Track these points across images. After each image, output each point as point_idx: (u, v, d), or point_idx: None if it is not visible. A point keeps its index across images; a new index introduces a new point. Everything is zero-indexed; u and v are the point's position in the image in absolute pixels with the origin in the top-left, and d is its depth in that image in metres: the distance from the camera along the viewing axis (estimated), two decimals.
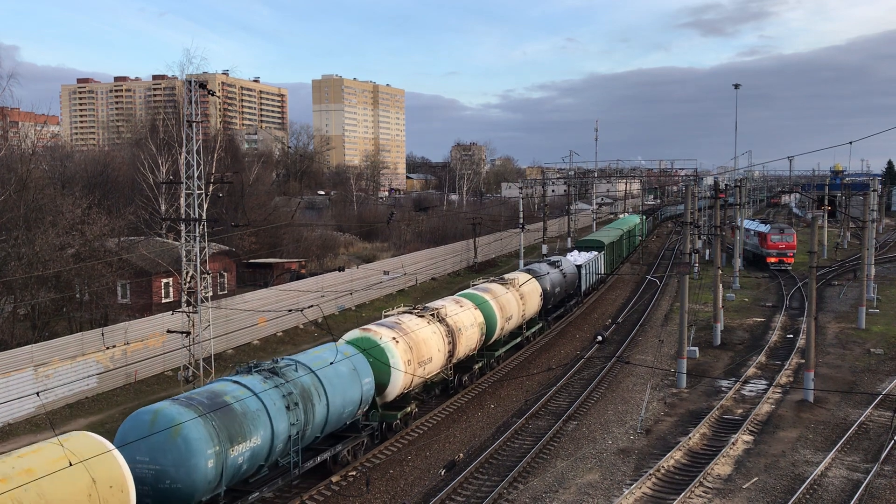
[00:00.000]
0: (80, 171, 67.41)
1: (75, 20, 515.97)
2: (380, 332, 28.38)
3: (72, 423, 31.16)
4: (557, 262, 50.69)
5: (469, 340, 34.24)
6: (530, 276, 44.23)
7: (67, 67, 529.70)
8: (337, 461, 25.49)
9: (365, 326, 29.40)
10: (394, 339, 28.26)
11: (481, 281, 41.93)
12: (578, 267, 54.48)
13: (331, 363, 24.57)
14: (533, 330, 44.64)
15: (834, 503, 22.93)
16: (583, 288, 55.48)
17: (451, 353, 32.49)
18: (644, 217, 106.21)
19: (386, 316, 31.63)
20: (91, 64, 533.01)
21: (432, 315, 32.18)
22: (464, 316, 34.19)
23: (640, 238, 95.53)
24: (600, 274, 62.61)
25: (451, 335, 32.41)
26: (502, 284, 40.62)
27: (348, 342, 27.90)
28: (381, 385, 27.63)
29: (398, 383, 28.02)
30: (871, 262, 55.12)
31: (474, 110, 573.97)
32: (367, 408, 26.98)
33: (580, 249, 62.69)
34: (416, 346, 29.26)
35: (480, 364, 37.02)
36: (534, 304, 43.15)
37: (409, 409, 29.78)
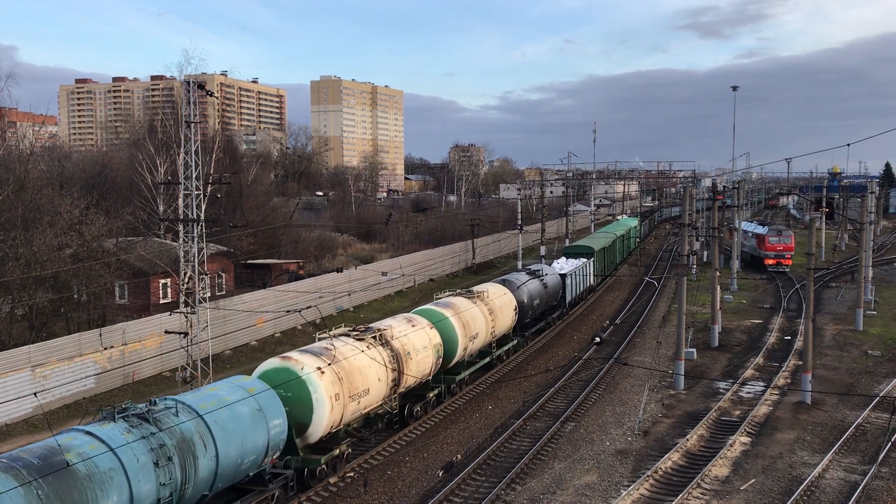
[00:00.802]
0: (79, 172, 67.38)
1: (74, 20, 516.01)
2: (302, 361, 24.22)
3: (69, 423, 31.12)
4: (538, 271, 46.87)
5: (421, 365, 30.16)
6: (504, 288, 40.63)
7: (66, 68, 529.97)
8: None
9: (285, 354, 25.22)
10: (319, 369, 24.07)
11: (445, 294, 37.78)
12: (563, 276, 50.71)
13: (227, 404, 20.45)
14: (506, 348, 40.75)
15: None
16: (568, 298, 51.72)
17: (397, 382, 28.43)
18: (641, 220, 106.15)
19: (319, 338, 27.47)
20: (89, 64, 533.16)
21: (374, 337, 27.99)
22: (415, 337, 30.11)
23: (636, 242, 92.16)
24: (590, 283, 59.88)
25: (397, 360, 28.37)
26: (468, 298, 36.49)
27: (261, 375, 24.03)
28: (301, 425, 23.62)
29: (323, 422, 23.86)
30: (868, 264, 55.19)
31: (473, 111, 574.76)
32: (278, 454, 22.62)
33: (568, 256, 59.19)
34: (348, 377, 25.12)
35: (437, 391, 32.74)
36: (506, 319, 39.33)
37: (337, 451, 25.30)
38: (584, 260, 57.81)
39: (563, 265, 54.70)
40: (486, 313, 36.62)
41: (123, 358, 36.45)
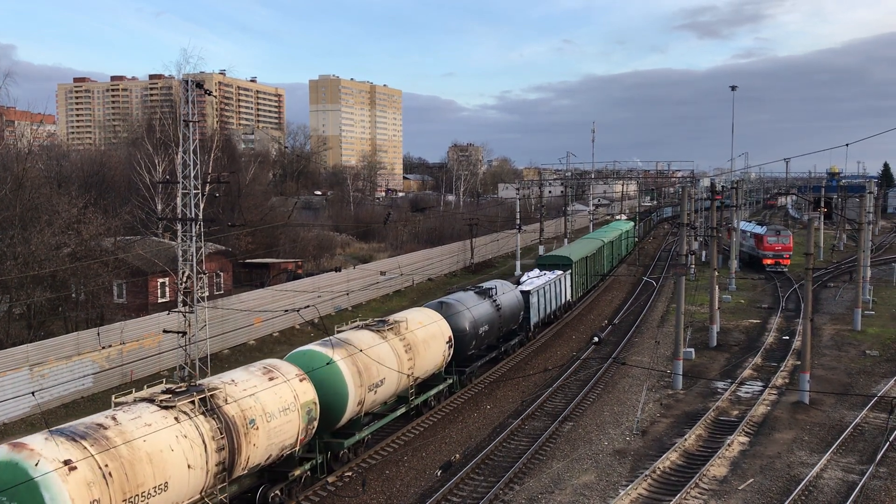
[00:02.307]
0: (77, 171, 67.33)
1: (72, 19, 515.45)
2: (44, 454, 15.87)
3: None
4: (490, 290, 39.22)
5: (275, 436, 21.59)
6: (434, 315, 32.90)
7: (64, 67, 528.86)
8: None
9: (19, 442, 16.46)
10: (67, 463, 15.86)
11: (348, 326, 29.39)
12: (526, 294, 43.63)
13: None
14: (433, 392, 32.18)
15: None
16: (533, 320, 44.51)
17: (229, 465, 19.92)
18: (639, 220, 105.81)
19: (115, 405, 19.19)
20: (88, 63, 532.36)
21: (193, 403, 19.41)
22: (267, 397, 21.58)
23: (629, 247, 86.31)
24: (566, 299, 52.19)
25: (230, 435, 19.89)
26: (378, 332, 28.40)
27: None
28: None
29: None
30: (866, 264, 55.21)
31: (471, 111, 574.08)
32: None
33: (542, 267, 52.46)
34: (130, 471, 17.02)
35: (306, 467, 24.03)
36: (434, 354, 31.37)
37: None
38: (560, 272, 51.12)
39: (532, 280, 47.45)
40: (399, 350, 28.72)
41: (121, 357, 36.42)
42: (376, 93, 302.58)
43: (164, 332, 35.20)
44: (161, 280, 48.26)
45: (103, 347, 35.33)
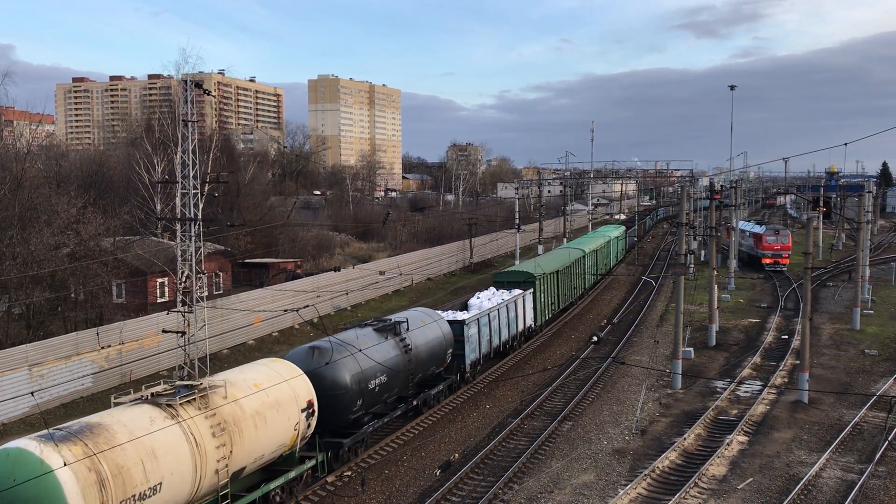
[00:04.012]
0: (76, 171, 67.27)
1: (70, 19, 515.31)
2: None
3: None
4: (398, 324, 29.79)
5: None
6: (287, 370, 23.38)
7: (63, 67, 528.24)
8: None
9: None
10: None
11: (129, 398, 19.38)
12: (458, 325, 34.17)
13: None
14: (274, 485, 22.27)
15: None
16: (469, 358, 34.98)
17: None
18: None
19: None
20: (86, 63, 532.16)
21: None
22: None
23: (618, 255, 76.52)
24: (524, 325, 42.84)
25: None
26: (167, 407, 18.72)
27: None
28: None
29: None
30: (865, 264, 55.23)
31: (470, 111, 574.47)
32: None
33: (499, 285, 44.62)
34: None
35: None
36: (274, 433, 21.62)
37: None
38: (519, 292, 42.73)
39: (483, 302, 40.11)
40: (200, 435, 18.89)
41: (121, 357, 36.42)
42: (375, 92, 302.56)
43: (164, 331, 35.08)
44: (160, 280, 48.25)
45: (102, 347, 35.32)
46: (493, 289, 43.98)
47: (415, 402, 30.99)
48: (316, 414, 23.77)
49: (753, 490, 23.86)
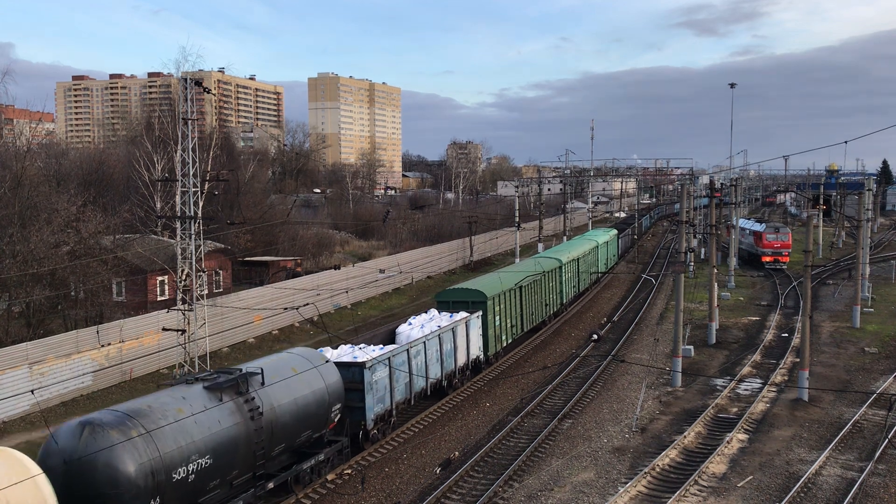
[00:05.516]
0: (76, 169, 67.19)
1: (70, 17, 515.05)
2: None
3: (66, 420, 31.10)
4: (241, 380, 21.19)
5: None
6: (26, 468, 15.17)
7: (63, 65, 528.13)
8: None
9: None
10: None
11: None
12: (354, 369, 26.41)
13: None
14: None
15: (828, 502, 22.99)
16: (372, 412, 27.00)
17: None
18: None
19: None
20: (86, 62, 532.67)
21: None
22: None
23: (608, 263, 68.20)
24: (474, 355, 35.82)
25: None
26: None
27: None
28: None
29: None
30: (865, 261, 55.27)
31: (470, 109, 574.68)
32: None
33: (444, 307, 37.20)
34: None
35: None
36: None
37: None
38: (465, 315, 35.35)
39: (413, 329, 33.07)
40: None
41: (121, 355, 36.42)
42: (375, 91, 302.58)
43: (164, 329, 35.20)
44: (160, 278, 48.24)
45: (103, 345, 35.33)
46: (433, 311, 36.35)
47: (271, 484, 22.31)
48: None
49: (753, 488, 23.88)
